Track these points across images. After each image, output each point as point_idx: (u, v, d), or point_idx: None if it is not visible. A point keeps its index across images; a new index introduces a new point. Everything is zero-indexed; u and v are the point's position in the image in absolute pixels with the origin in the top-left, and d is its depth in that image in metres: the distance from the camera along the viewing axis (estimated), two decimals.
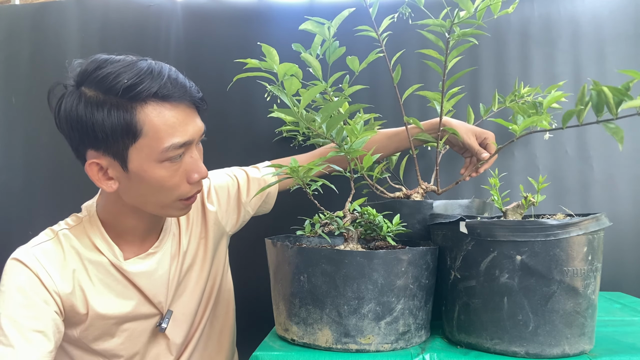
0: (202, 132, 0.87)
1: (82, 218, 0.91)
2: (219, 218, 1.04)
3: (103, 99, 0.78)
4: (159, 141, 0.80)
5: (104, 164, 0.82)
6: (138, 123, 0.78)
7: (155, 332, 0.95)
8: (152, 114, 0.79)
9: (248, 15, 1.38)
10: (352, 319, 0.76)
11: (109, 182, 0.84)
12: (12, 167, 1.41)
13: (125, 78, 0.77)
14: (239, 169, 1.11)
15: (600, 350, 0.76)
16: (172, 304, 0.97)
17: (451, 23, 0.92)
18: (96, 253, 0.88)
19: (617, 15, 1.30)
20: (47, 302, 0.81)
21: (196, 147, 0.87)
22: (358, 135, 0.83)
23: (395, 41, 1.05)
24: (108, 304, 0.88)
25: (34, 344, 0.76)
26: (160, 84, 0.79)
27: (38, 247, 0.85)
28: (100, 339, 0.89)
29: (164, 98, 0.80)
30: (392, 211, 0.93)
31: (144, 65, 0.80)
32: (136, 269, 0.90)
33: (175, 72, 0.83)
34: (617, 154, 1.30)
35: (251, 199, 1.07)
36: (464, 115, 1.18)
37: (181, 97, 0.81)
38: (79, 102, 0.79)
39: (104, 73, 0.78)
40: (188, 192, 0.86)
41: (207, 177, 0.88)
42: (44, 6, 1.43)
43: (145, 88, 0.77)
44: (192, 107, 0.85)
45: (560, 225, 0.71)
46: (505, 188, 1.21)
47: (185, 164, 0.84)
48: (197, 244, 1.01)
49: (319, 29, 0.93)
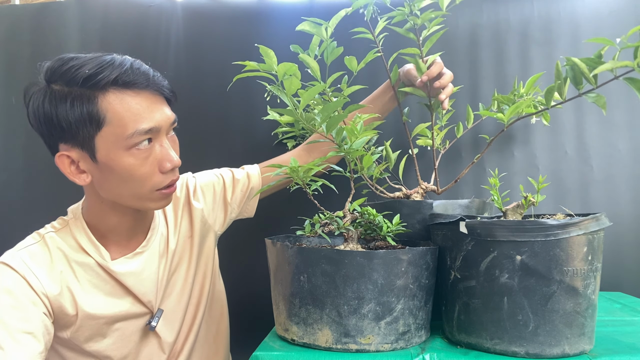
0: (171, 121, 0.87)
1: (68, 220, 0.91)
2: (205, 215, 1.05)
3: (67, 90, 0.80)
4: (124, 128, 0.80)
5: (75, 156, 0.83)
6: (100, 111, 0.80)
7: (146, 332, 0.95)
8: (114, 102, 0.80)
9: (248, 15, 1.38)
10: (352, 319, 0.76)
11: (81, 175, 0.85)
12: (12, 167, 1.41)
13: (87, 68, 0.79)
14: (226, 169, 1.12)
15: (600, 350, 0.76)
16: (162, 302, 0.97)
17: (409, 7, 0.94)
18: (83, 254, 0.88)
19: (617, 15, 1.30)
20: (36, 303, 0.81)
21: (169, 137, 0.88)
22: (358, 136, 0.83)
23: (393, 41, 1.05)
24: (97, 304, 0.88)
25: (23, 345, 0.76)
26: (120, 71, 0.80)
27: (24, 250, 0.85)
28: (92, 340, 0.89)
29: (126, 85, 0.81)
30: (392, 211, 0.93)
31: (107, 57, 0.82)
32: (123, 268, 0.90)
33: (139, 63, 0.84)
34: (617, 154, 1.30)
35: (241, 190, 1.08)
36: (464, 115, 1.18)
37: (145, 85, 0.83)
38: (45, 97, 0.81)
39: (68, 66, 0.80)
40: (162, 181, 0.86)
41: (180, 164, 0.88)
42: (44, 6, 1.43)
43: (105, 76, 0.79)
44: (159, 96, 0.86)
45: (560, 225, 0.71)
46: (505, 188, 1.22)
47: (155, 153, 0.84)
48: (185, 242, 1.02)
49: (317, 29, 0.93)
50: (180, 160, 0.88)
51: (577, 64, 0.74)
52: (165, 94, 0.87)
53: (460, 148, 1.31)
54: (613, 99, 1.28)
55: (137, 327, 0.94)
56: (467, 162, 1.28)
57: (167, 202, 0.90)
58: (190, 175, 1.08)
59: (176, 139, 0.91)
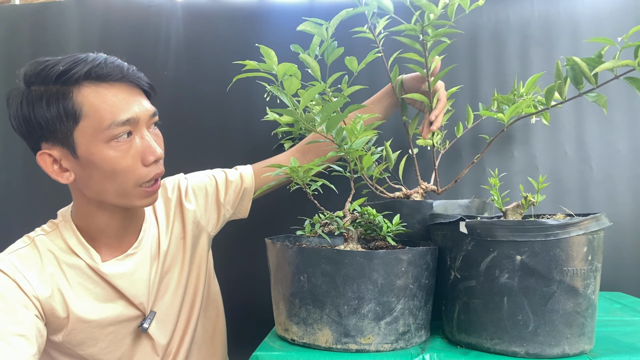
0: (150, 113, 0.87)
1: (58, 223, 0.91)
2: (197, 217, 1.04)
3: (43, 90, 0.81)
4: (101, 120, 0.81)
5: (56, 154, 0.83)
6: (76, 105, 0.80)
7: (138, 334, 0.94)
8: (89, 95, 0.81)
9: (248, 15, 1.38)
10: (352, 319, 0.76)
11: (64, 173, 0.85)
12: (12, 167, 1.41)
13: (60, 65, 0.80)
14: (219, 170, 1.11)
15: (600, 350, 0.76)
16: (155, 304, 0.96)
17: (421, 26, 0.93)
18: (73, 256, 0.88)
19: (617, 15, 1.30)
20: (27, 306, 0.80)
21: (151, 131, 0.88)
22: (358, 136, 0.83)
23: (393, 41, 1.05)
24: (88, 307, 0.87)
25: (16, 348, 0.75)
26: (92, 64, 0.81)
27: (14, 254, 0.85)
28: (84, 343, 0.88)
29: (100, 78, 0.81)
30: (392, 211, 0.93)
31: (82, 55, 0.83)
32: (114, 270, 0.89)
33: (114, 58, 0.85)
34: (617, 154, 1.30)
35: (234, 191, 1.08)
36: (464, 115, 1.18)
37: (119, 77, 0.83)
38: (22, 99, 0.82)
39: (42, 66, 0.81)
40: (146, 174, 0.85)
41: (163, 156, 0.88)
42: (44, 6, 1.43)
43: (78, 70, 0.80)
44: (136, 88, 0.86)
45: (560, 225, 0.71)
46: (505, 188, 1.21)
47: (136, 146, 0.84)
48: (177, 243, 1.01)
49: (317, 29, 0.93)
50: (162, 153, 0.87)
51: (577, 64, 0.74)
52: (143, 86, 0.87)
53: (460, 148, 1.31)
54: (613, 99, 1.28)
55: (130, 330, 0.93)
56: (467, 162, 1.28)
57: (152, 199, 0.89)
58: (182, 177, 1.08)
59: (159, 132, 0.90)
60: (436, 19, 0.92)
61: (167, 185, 1.04)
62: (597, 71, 0.72)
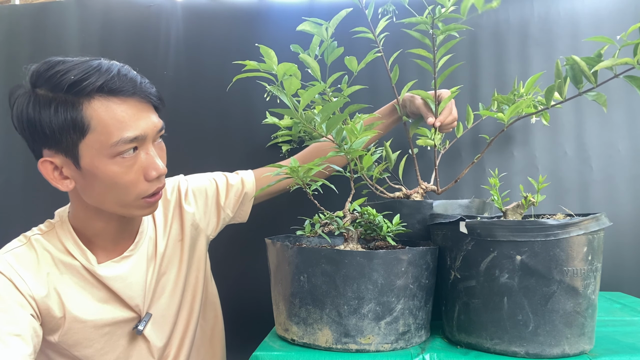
0: (158, 128, 0.86)
1: (54, 223, 0.91)
2: (196, 219, 1.04)
3: (51, 96, 0.78)
4: (108, 136, 0.79)
5: (58, 162, 0.82)
6: (85, 118, 0.78)
7: (134, 336, 0.94)
8: (99, 109, 0.79)
9: (248, 15, 1.38)
10: (352, 319, 0.76)
11: (64, 181, 0.84)
12: (12, 167, 1.41)
13: (72, 74, 0.78)
14: (219, 173, 1.11)
15: (600, 350, 0.76)
16: (151, 306, 0.96)
17: (432, 19, 0.93)
18: (69, 257, 0.88)
19: (617, 15, 1.30)
20: (23, 305, 0.80)
21: (155, 144, 0.86)
22: (358, 136, 0.83)
23: (393, 41, 1.05)
24: (84, 307, 0.87)
25: (11, 347, 0.74)
26: (106, 78, 0.79)
27: (10, 253, 0.84)
28: (80, 344, 0.88)
29: (112, 92, 0.79)
30: (392, 211, 0.93)
31: (95, 63, 0.80)
32: (110, 272, 0.89)
33: (127, 69, 0.83)
34: (617, 154, 1.30)
35: (235, 195, 1.08)
36: (464, 115, 1.18)
37: (131, 92, 0.81)
38: (29, 102, 0.80)
39: (53, 71, 0.78)
40: (147, 189, 0.85)
41: (165, 172, 0.87)
42: (44, 6, 1.43)
43: (90, 82, 0.78)
44: (146, 103, 0.84)
45: (560, 225, 0.71)
46: (505, 188, 1.21)
47: (140, 161, 0.83)
48: (175, 245, 1.01)
49: (317, 29, 0.93)
50: (166, 169, 0.86)
51: (577, 63, 0.74)
52: (153, 101, 0.85)
53: (460, 148, 1.31)
54: (612, 99, 1.28)
55: (125, 332, 0.93)
56: (467, 162, 1.28)
57: (152, 209, 0.89)
58: (183, 178, 1.07)
59: (163, 145, 0.89)
60: (447, 14, 0.92)
61: (166, 187, 1.04)
62: (597, 69, 0.72)
